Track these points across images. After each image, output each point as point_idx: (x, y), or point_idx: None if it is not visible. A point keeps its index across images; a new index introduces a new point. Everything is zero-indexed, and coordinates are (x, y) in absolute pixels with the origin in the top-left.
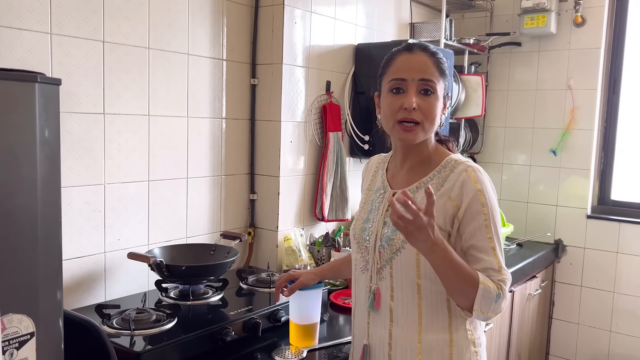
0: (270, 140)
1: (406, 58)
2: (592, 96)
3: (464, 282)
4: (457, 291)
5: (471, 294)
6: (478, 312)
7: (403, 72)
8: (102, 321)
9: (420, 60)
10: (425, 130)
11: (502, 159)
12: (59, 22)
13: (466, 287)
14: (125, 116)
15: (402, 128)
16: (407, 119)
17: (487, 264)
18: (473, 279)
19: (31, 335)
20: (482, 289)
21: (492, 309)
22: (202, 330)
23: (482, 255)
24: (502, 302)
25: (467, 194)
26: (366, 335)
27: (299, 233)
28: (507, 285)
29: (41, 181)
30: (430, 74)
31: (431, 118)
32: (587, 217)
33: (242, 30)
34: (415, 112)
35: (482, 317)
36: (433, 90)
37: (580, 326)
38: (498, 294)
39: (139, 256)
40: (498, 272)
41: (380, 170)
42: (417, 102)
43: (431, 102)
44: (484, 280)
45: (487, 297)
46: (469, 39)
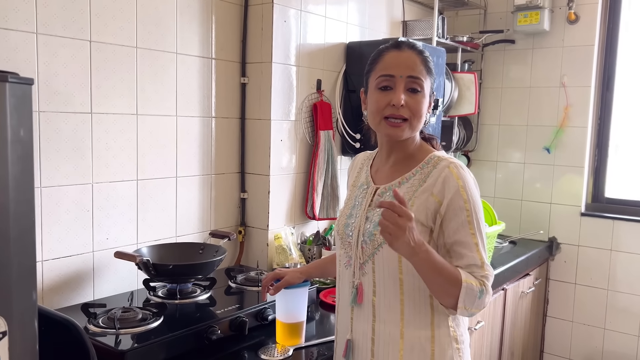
0: (260, 139)
1: (394, 55)
2: (585, 93)
3: (446, 282)
4: (441, 291)
5: (455, 293)
6: (462, 309)
7: (391, 69)
8: (88, 320)
9: (408, 58)
10: (412, 127)
11: (497, 156)
12: (45, 22)
13: (449, 287)
14: (113, 115)
15: (389, 124)
16: (394, 115)
17: (470, 260)
18: (456, 279)
19: (3, 334)
20: (465, 287)
21: (475, 305)
22: (188, 328)
23: (465, 252)
24: (485, 297)
25: (449, 190)
26: (349, 331)
27: (290, 232)
28: (489, 281)
29: (13, 180)
30: (418, 71)
31: (418, 115)
32: (581, 214)
33: (232, 29)
34: (403, 109)
35: (466, 314)
36: (421, 87)
37: (574, 324)
38: (481, 290)
39: (126, 255)
40: (481, 268)
41: (365, 166)
42: (404, 99)
43: (418, 100)
44: (466, 278)
45: (470, 295)
46: (462, 37)
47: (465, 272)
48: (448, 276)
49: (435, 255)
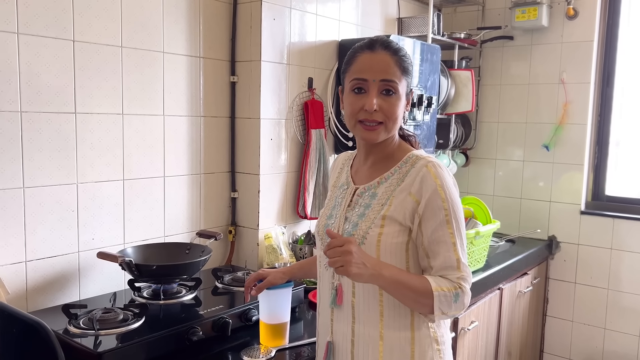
0: (250, 138)
1: (367, 57)
2: (585, 90)
3: (417, 295)
4: (414, 304)
5: (428, 303)
6: (440, 315)
7: (364, 73)
8: (69, 321)
9: (381, 60)
10: (388, 129)
11: (496, 154)
12: (26, 22)
13: (421, 299)
14: (98, 115)
15: (363, 127)
16: (367, 120)
17: (446, 260)
18: (426, 290)
19: None
20: (437, 296)
21: (454, 308)
22: (169, 329)
23: (442, 251)
24: (464, 298)
25: (427, 190)
26: (330, 332)
27: (280, 231)
28: (467, 282)
29: None
30: (392, 74)
31: (393, 118)
32: (581, 212)
33: (221, 28)
34: (376, 114)
35: (446, 318)
36: (394, 90)
37: (574, 323)
38: (456, 294)
39: (109, 256)
40: (457, 269)
41: (346, 167)
42: (378, 103)
43: (392, 102)
44: (436, 287)
45: (445, 301)
46: (460, 33)
47: (435, 279)
48: (417, 289)
49: (398, 271)
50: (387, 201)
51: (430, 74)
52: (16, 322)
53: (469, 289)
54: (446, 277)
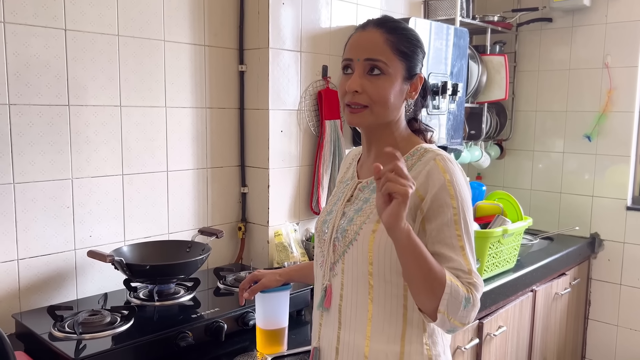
0: (258, 130)
1: (357, 36)
2: (632, 75)
3: (433, 275)
4: (422, 287)
5: (437, 293)
6: (443, 315)
7: (350, 52)
8: (54, 324)
9: (369, 39)
10: (376, 114)
11: (533, 145)
12: (13, 10)
13: (434, 283)
14: (93, 107)
15: (349, 111)
16: (351, 102)
17: (455, 264)
18: (441, 275)
19: None
20: (449, 287)
21: (459, 316)
22: (155, 334)
23: (449, 254)
24: (471, 310)
25: (434, 185)
26: (317, 338)
27: (292, 228)
28: (478, 291)
29: None
30: (378, 52)
31: (381, 101)
32: (626, 208)
33: (227, 14)
34: (359, 96)
35: (446, 325)
36: (383, 70)
37: (619, 328)
38: (467, 298)
39: (98, 255)
40: (468, 274)
41: (354, 161)
42: (363, 84)
43: (380, 84)
44: (451, 277)
45: (455, 299)
46: (493, 16)
47: (452, 273)
48: (434, 269)
49: (420, 242)
50: None
51: (457, 60)
52: None
53: (479, 302)
54: (457, 278)
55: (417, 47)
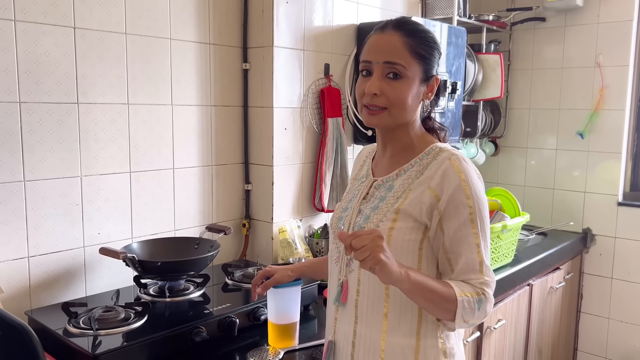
0: (263, 127)
1: (376, 38)
2: (623, 73)
3: (441, 300)
4: (436, 310)
5: (451, 309)
6: (461, 323)
7: (370, 54)
8: (69, 320)
9: (388, 42)
10: (394, 116)
11: (527, 142)
12: (24, 8)
13: (445, 304)
14: (101, 105)
15: (367, 112)
16: (370, 104)
17: (469, 262)
18: (450, 295)
19: None
20: (461, 302)
21: (477, 316)
22: (170, 329)
23: (465, 253)
24: (486, 306)
25: (449, 185)
26: (332, 332)
27: (296, 224)
28: (490, 288)
29: None
30: (397, 56)
31: (399, 104)
32: (618, 204)
33: (231, 12)
34: (378, 98)
35: (467, 326)
36: (401, 74)
37: (611, 321)
38: (480, 300)
39: (110, 252)
40: (479, 272)
41: (368, 159)
42: (382, 87)
43: (398, 87)
44: (461, 292)
45: (468, 308)
46: (488, 15)
47: (458, 284)
48: (441, 294)
49: (421, 273)
50: (403, 194)
51: (455, 59)
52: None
53: (492, 295)
54: (468, 281)
55: (435, 49)
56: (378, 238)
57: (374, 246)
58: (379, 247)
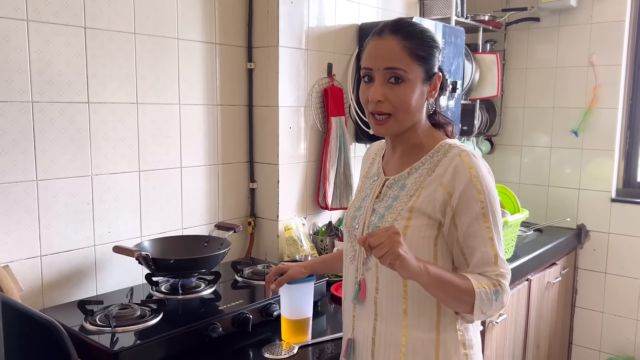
0: (268, 126)
1: (374, 44)
2: (616, 72)
3: (460, 293)
4: (455, 303)
5: (469, 301)
6: (479, 314)
7: (370, 61)
8: (85, 318)
9: (386, 47)
10: (400, 120)
11: (522, 141)
12: (36, 9)
13: (463, 297)
14: (111, 105)
15: (375, 122)
16: (375, 112)
17: (484, 256)
18: (468, 288)
19: None
20: (479, 294)
21: (494, 307)
22: (187, 326)
23: (479, 247)
24: (503, 297)
25: (461, 180)
26: (351, 329)
27: (301, 222)
28: (506, 280)
29: None
30: (397, 61)
31: (403, 108)
32: (611, 200)
33: (236, 12)
34: (382, 104)
35: (484, 317)
36: (403, 78)
37: (605, 314)
38: (496, 291)
39: (124, 250)
40: (494, 265)
41: (378, 157)
42: (385, 93)
43: (401, 92)
44: (478, 284)
45: (486, 299)
46: (484, 16)
47: (474, 276)
48: (459, 287)
49: (438, 267)
50: (416, 192)
51: (454, 58)
52: (29, 321)
53: (508, 286)
54: (484, 274)
55: (434, 47)
56: (395, 234)
57: (392, 242)
58: (396, 243)
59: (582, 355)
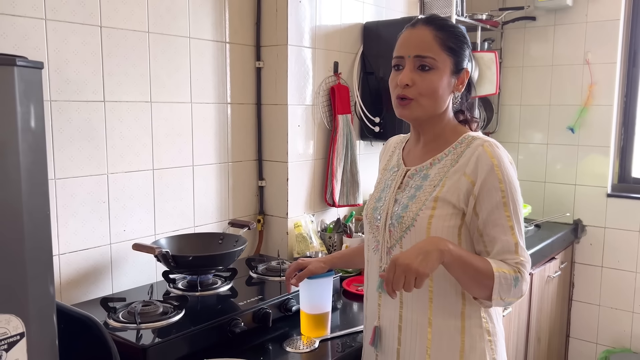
0: (277, 124)
1: (407, 34)
2: (611, 70)
3: (479, 275)
4: (474, 285)
5: (488, 284)
6: (498, 300)
7: (401, 49)
8: (108, 315)
9: (418, 36)
10: (423, 106)
11: (518, 137)
12: (54, 7)
13: (482, 279)
14: (126, 103)
15: (399, 104)
16: (400, 95)
17: (504, 244)
18: (488, 270)
19: (21, 335)
20: (498, 277)
21: (512, 294)
22: (211, 322)
23: (499, 235)
24: (522, 285)
25: (483, 169)
26: (377, 317)
27: (310, 219)
28: (526, 268)
29: (25, 172)
30: (427, 49)
31: (429, 94)
32: (607, 195)
33: (246, 12)
34: (409, 89)
35: (502, 304)
36: (431, 66)
37: (601, 308)
38: (516, 278)
39: (144, 247)
40: (515, 253)
41: (398, 149)
42: (413, 78)
43: (429, 79)
44: (498, 268)
45: (505, 284)
46: (481, 15)
47: (497, 261)
48: (479, 268)
49: (460, 247)
50: (440, 182)
51: None
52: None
53: (528, 275)
54: (505, 261)
55: (464, 43)
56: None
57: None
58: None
59: (580, 348)
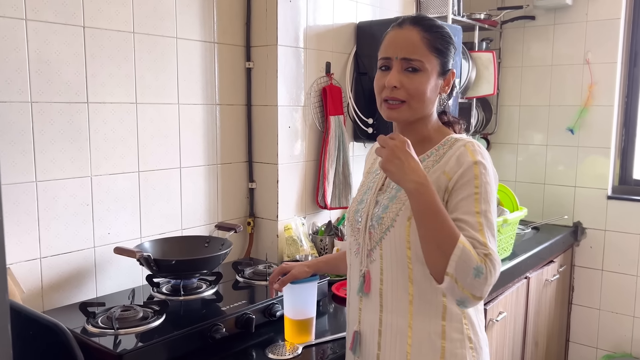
0: (267, 126)
1: (394, 34)
2: (611, 70)
3: (443, 235)
4: (433, 247)
5: (447, 252)
6: (451, 279)
7: (388, 50)
8: (87, 320)
9: (406, 37)
10: (413, 108)
11: (517, 139)
12: (34, 7)
13: (443, 244)
14: (110, 105)
15: (386, 106)
16: (389, 98)
17: (471, 234)
18: (454, 235)
19: None
20: (460, 249)
21: (468, 284)
22: (191, 327)
23: (467, 228)
24: (483, 283)
25: (460, 165)
26: (357, 322)
27: (300, 222)
28: (493, 265)
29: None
30: (414, 51)
31: (417, 96)
32: (607, 197)
33: (235, 11)
34: (397, 91)
35: (456, 293)
36: (420, 68)
37: (601, 312)
38: (478, 268)
39: (126, 251)
40: (483, 245)
41: None
42: (401, 80)
43: (417, 80)
44: (465, 242)
45: (465, 263)
46: (479, 14)
47: (468, 240)
48: (447, 228)
49: (439, 202)
50: None
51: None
52: (33, 323)
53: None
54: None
55: (450, 43)
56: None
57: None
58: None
59: (580, 352)
